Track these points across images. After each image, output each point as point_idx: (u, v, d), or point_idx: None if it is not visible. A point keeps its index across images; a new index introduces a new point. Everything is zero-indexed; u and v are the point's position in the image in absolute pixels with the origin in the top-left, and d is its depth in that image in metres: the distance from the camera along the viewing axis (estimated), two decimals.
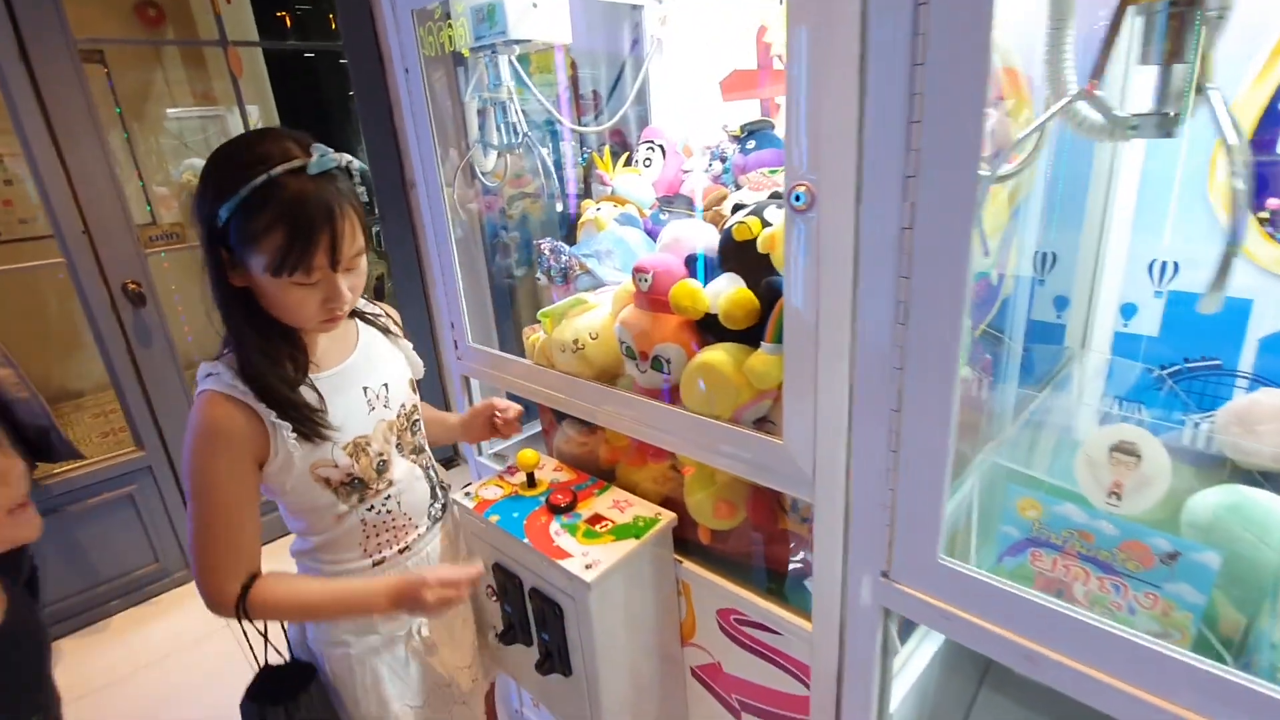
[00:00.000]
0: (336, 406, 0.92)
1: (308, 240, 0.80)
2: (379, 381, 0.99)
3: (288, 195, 0.79)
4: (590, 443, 1.25)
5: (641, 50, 1.71)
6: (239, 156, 0.80)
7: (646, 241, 1.37)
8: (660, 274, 0.96)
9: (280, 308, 0.85)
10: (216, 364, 0.86)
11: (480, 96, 1.20)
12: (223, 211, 0.79)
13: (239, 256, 0.81)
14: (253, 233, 0.79)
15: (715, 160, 1.59)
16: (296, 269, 0.81)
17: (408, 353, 1.09)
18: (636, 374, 1.03)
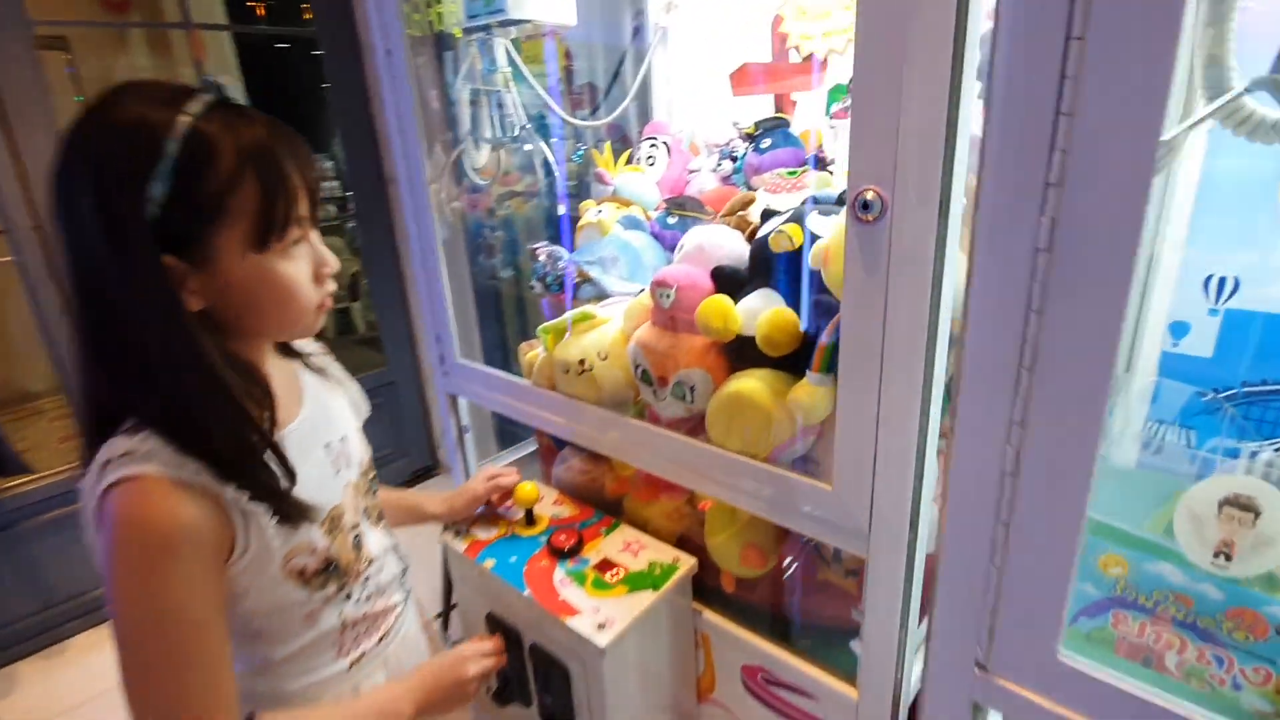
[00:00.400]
0: (305, 472, 0.72)
1: (285, 180, 0.60)
2: (337, 435, 0.80)
3: (231, 132, 0.57)
4: (595, 472, 1.12)
5: (644, 40, 1.59)
6: (124, 115, 0.56)
7: (655, 247, 1.24)
8: (685, 289, 0.83)
9: (269, 304, 0.63)
10: (128, 440, 0.57)
11: (472, 85, 1.07)
12: (155, 188, 0.54)
13: (199, 247, 0.58)
14: (213, 197, 0.56)
15: (725, 159, 1.47)
16: (288, 224, 0.61)
17: (353, 394, 0.89)
18: (653, 401, 0.90)
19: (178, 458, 0.58)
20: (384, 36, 1.07)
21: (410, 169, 1.13)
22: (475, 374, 1.20)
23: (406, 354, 3.10)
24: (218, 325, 0.63)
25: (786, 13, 1.34)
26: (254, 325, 0.65)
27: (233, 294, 0.61)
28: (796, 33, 1.35)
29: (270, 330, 0.69)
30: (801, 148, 1.35)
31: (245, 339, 0.68)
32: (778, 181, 1.25)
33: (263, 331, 0.68)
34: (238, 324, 0.64)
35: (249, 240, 0.59)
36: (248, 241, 0.59)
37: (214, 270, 0.58)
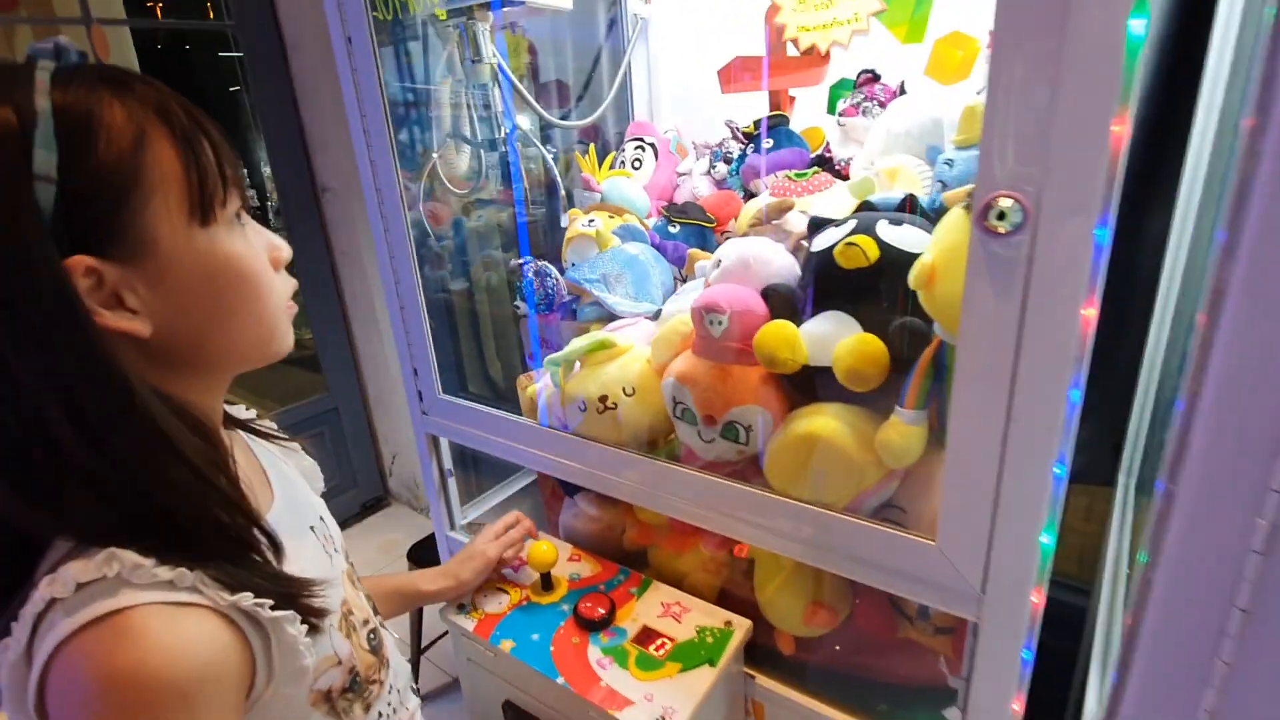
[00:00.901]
0: (307, 563, 0.56)
1: (203, 131, 0.47)
2: (316, 515, 0.65)
3: (109, 89, 0.44)
4: (613, 520, 0.98)
5: (621, 33, 1.46)
6: None
7: (659, 260, 1.12)
8: (740, 315, 0.71)
9: (234, 300, 0.49)
10: (83, 565, 0.41)
11: (453, 79, 0.91)
12: (39, 155, 0.40)
13: (124, 232, 0.43)
14: (118, 164, 0.43)
15: (718, 161, 1.36)
16: (226, 183, 0.48)
17: (304, 465, 0.71)
18: (696, 443, 0.78)
19: (167, 571, 0.42)
20: (343, 22, 0.89)
21: (379, 177, 0.96)
22: (465, 413, 1.04)
23: (350, 377, 2.85)
24: (166, 360, 0.47)
25: (783, 2, 1.24)
26: (219, 342, 0.49)
27: (186, 294, 0.46)
28: (794, 24, 1.26)
29: (240, 346, 0.51)
30: (805, 147, 1.26)
31: (203, 376, 0.52)
32: (785, 184, 1.15)
33: (230, 350, 0.51)
34: (197, 347, 0.48)
35: (186, 210, 0.45)
36: (185, 212, 0.45)
37: (155, 261, 0.44)
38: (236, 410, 0.68)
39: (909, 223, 0.70)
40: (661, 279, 1.09)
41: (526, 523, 0.89)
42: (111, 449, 0.43)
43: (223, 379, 0.55)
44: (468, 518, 1.23)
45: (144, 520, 0.43)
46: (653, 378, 0.83)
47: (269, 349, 0.53)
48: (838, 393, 0.69)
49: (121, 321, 0.43)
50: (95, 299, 0.42)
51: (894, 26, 1.12)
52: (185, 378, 0.50)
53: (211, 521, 0.46)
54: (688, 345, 0.79)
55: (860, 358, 0.64)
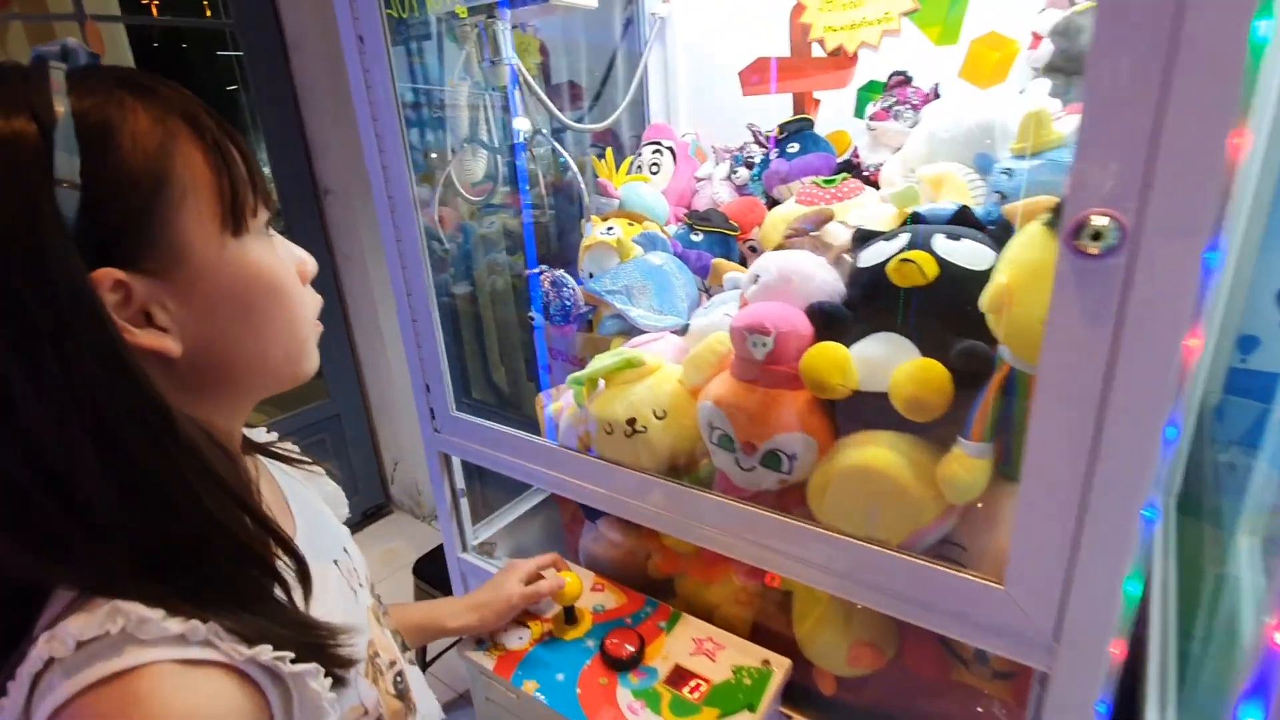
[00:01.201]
0: (331, 603, 0.52)
1: (230, 136, 0.44)
2: (340, 546, 0.61)
3: (129, 93, 0.40)
4: (637, 547, 0.93)
5: (637, 33, 1.41)
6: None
7: (683, 271, 1.07)
8: (786, 336, 0.66)
9: (266, 315, 0.46)
10: (85, 620, 0.37)
11: (471, 81, 0.86)
12: (60, 159, 0.36)
13: (154, 240, 0.40)
14: (149, 170, 0.39)
15: (740, 166, 1.32)
16: (258, 190, 0.45)
17: (327, 490, 0.68)
18: (734, 471, 0.73)
19: (178, 623, 0.38)
20: (354, 21, 0.84)
21: (392, 183, 0.91)
22: (477, 431, 0.99)
23: (351, 383, 2.80)
24: (192, 382, 0.44)
25: (809, 2, 1.20)
26: (249, 361, 0.46)
27: (218, 308, 0.43)
28: (820, 24, 1.21)
29: (270, 365, 0.48)
30: (832, 152, 1.21)
31: (228, 399, 0.48)
32: (813, 191, 1.10)
33: (260, 370, 0.48)
34: (226, 367, 0.45)
35: (218, 219, 0.43)
36: (217, 221, 0.43)
37: (186, 273, 0.41)
38: (255, 433, 0.63)
39: (967, 237, 0.65)
40: (686, 290, 1.04)
41: (557, 580, 0.83)
42: (143, 482, 0.39)
43: (248, 402, 0.51)
44: (479, 537, 1.18)
45: (162, 563, 0.39)
46: (685, 400, 0.78)
47: (298, 368, 0.50)
48: (889, 420, 0.64)
49: (152, 339, 0.40)
50: (123, 315, 0.39)
51: (927, 27, 1.07)
52: (210, 401, 0.46)
53: (244, 558, 0.43)
54: (725, 366, 0.74)
55: (923, 385, 0.59)
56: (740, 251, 1.19)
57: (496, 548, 1.20)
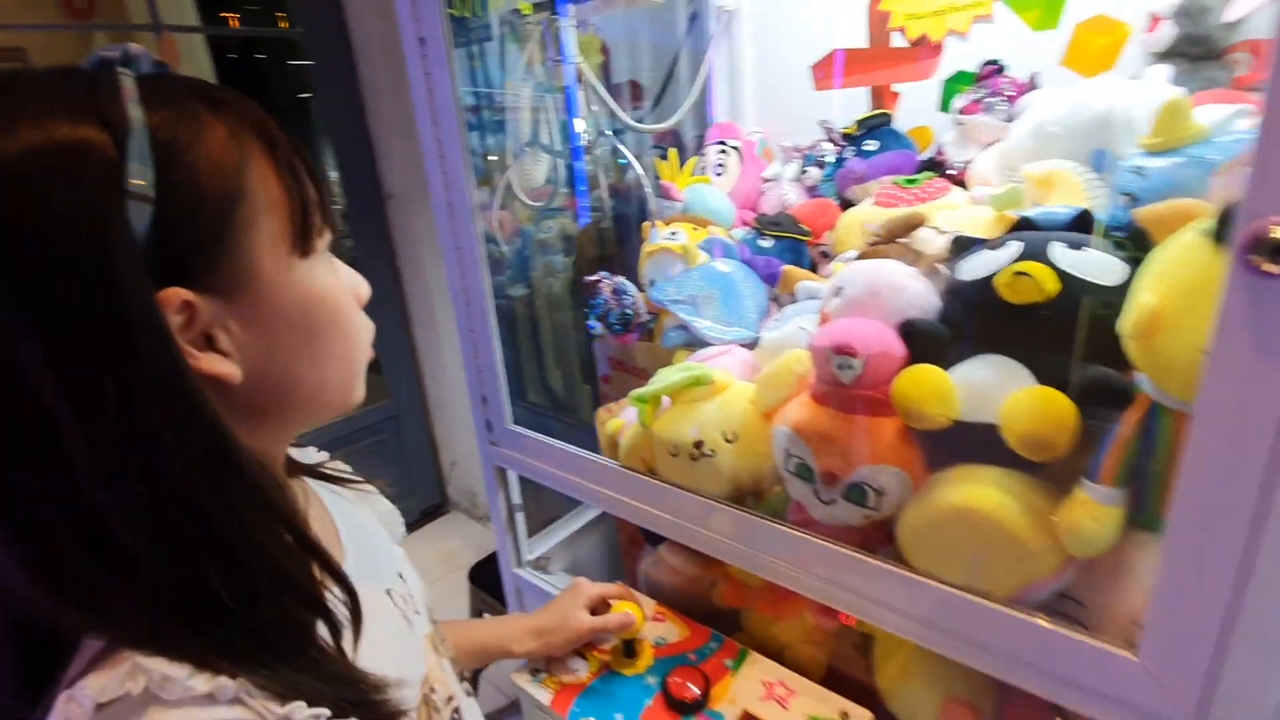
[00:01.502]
0: (383, 641, 0.49)
1: (299, 151, 0.42)
2: (394, 572, 0.58)
3: (202, 103, 0.38)
4: (701, 575, 0.87)
5: (703, 28, 1.35)
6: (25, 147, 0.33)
7: (752, 279, 1.00)
8: (876, 359, 0.59)
9: (326, 340, 0.44)
10: (105, 678, 0.34)
11: (533, 82, 0.82)
12: (134, 170, 0.34)
13: (224, 261, 0.38)
14: (225, 185, 0.37)
15: (810, 166, 1.24)
16: (326, 209, 0.43)
17: (381, 510, 0.65)
18: (814, 504, 0.66)
19: (204, 681, 0.35)
20: (416, 22, 0.82)
21: (451, 190, 0.88)
22: (534, 446, 0.95)
23: (411, 384, 2.84)
24: (246, 408, 0.41)
25: None
26: (306, 387, 0.44)
27: (280, 333, 0.41)
28: (901, 11, 1.12)
29: (325, 392, 0.45)
30: (913, 149, 1.12)
31: (278, 427, 0.46)
32: (894, 192, 1.02)
33: (315, 397, 0.45)
34: (282, 393, 0.43)
35: (288, 240, 0.41)
36: (287, 242, 0.41)
37: (252, 295, 0.39)
38: (305, 453, 0.61)
39: (1091, 246, 0.57)
40: (755, 300, 0.98)
41: (626, 618, 0.78)
42: (198, 524, 0.36)
43: (295, 430, 0.49)
44: (535, 552, 1.14)
45: (200, 609, 0.36)
46: (758, 423, 0.72)
47: (349, 397, 0.47)
48: (994, 454, 0.56)
49: (214, 364, 0.37)
50: (185, 338, 0.36)
51: (1023, 10, 0.98)
52: (261, 428, 0.43)
53: (296, 599, 0.40)
54: (803, 387, 0.67)
55: (1043, 419, 0.51)
56: (812, 257, 1.12)
57: (552, 563, 1.17)
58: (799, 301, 0.89)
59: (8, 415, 0.33)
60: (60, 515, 0.34)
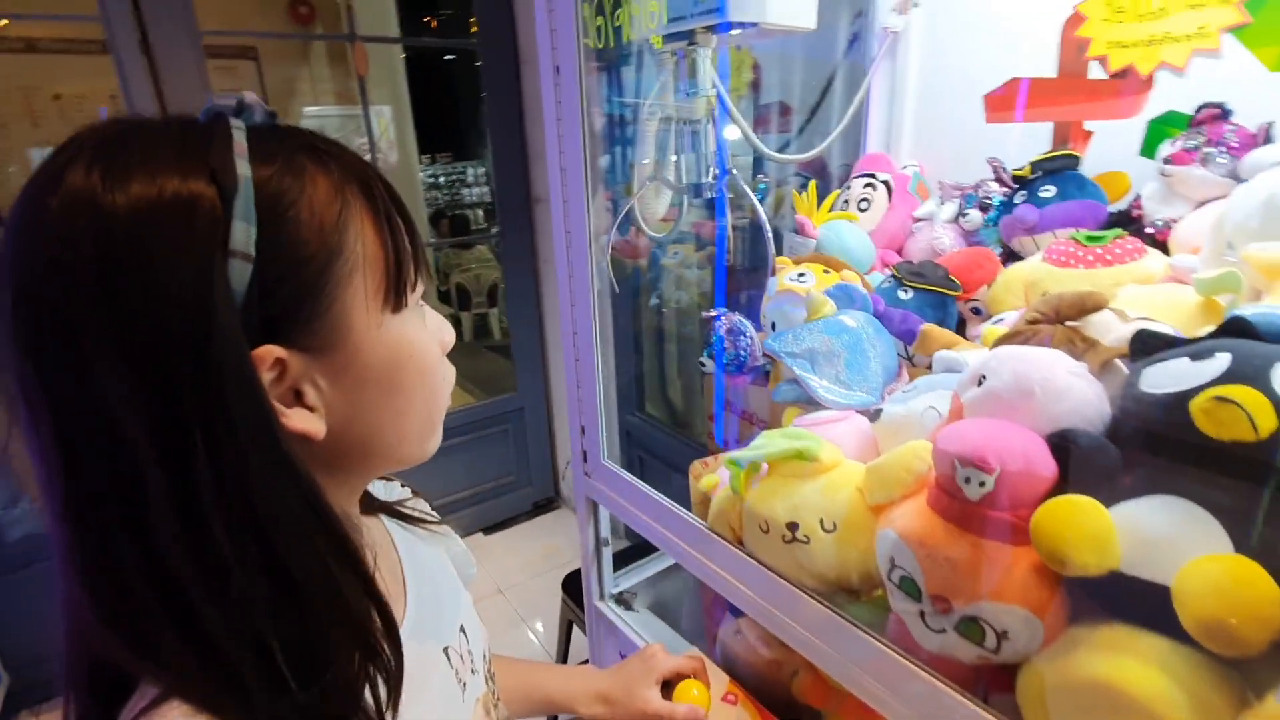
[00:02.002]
0: (425, 707, 0.47)
1: (399, 205, 0.42)
2: (455, 628, 0.56)
3: (308, 157, 0.38)
4: (781, 658, 0.80)
5: (863, 49, 1.25)
6: (130, 204, 0.33)
7: (882, 336, 0.90)
8: (1014, 476, 0.49)
9: (410, 393, 0.43)
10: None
11: (662, 114, 0.79)
12: (237, 229, 0.34)
13: (318, 319, 0.38)
14: (325, 243, 0.37)
15: (972, 208, 1.10)
16: (420, 264, 0.43)
17: (456, 551, 0.64)
18: (918, 628, 0.57)
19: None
20: (553, 50, 0.81)
21: (572, 221, 0.86)
22: (628, 489, 0.92)
23: (538, 380, 2.94)
24: (328, 462, 0.41)
25: (1090, 11, 0.95)
26: (387, 440, 0.44)
27: (368, 388, 0.41)
28: (1104, 38, 0.96)
29: (406, 444, 0.45)
30: (1101, 199, 0.95)
31: (356, 478, 0.46)
32: (1070, 249, 0.87)
33: (395, 449, 0.45)
34: (365, 447, 0.43)
35: (381, 295, 0.40)
36: (381, 297, 0.40)
37: (344, 352, 0.39)
38: (388, 488, 0.61)
39: None
40: (882, 360, 0.88)
41: (691, 711, 0.73)
42: (284, 584, 0.36)
43: (367, 481, 0.50)
44: (619, 586, 1.11)
45: (258, 672, 0.35)
46: (864, 515, 0.63)
47: (425, 447, 0.47)
48: (1158, 620, 0.44)
49: (302, 422, 0.38)
50: (274, 393, 0.37)
51: (1259, 47, 0.79)
52: (341, 481, 0.44)
53: (363, 658, 0.39)
54: (921, 488, 0.58)
55: (1233, 603, 0.39)
56: (961, 313, 0.99)
57: (637, 599, 1.13)
58: (936, 374, 0.78)
59: (97, 460, 0.34)
60: (135, 562, 0.35)
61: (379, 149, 4.43)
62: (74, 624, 0.37)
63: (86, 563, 0.35)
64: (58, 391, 0.33)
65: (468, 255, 5.02)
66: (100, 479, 0.34)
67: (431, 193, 5.87)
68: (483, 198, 5.77)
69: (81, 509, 0.35)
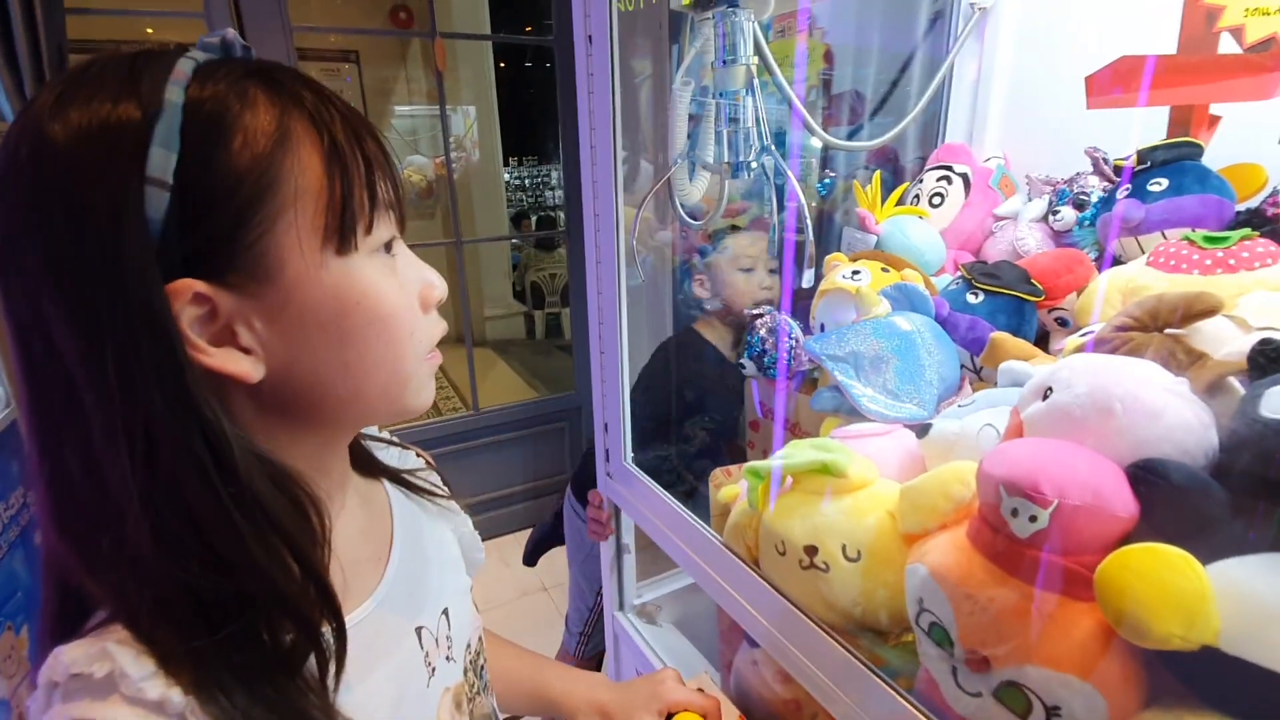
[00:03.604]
0: (373, 688, 0.44)
1: (359, 141, 0.39)
2: (436, 609, 0.52)
3: (257, 84, 0.37)
4: (799, 700, 0.70)
5: (946, 29, 1.13)
6: (70, 128, 0.33)
7: (943, 343, 0.79)
8: (1076, 512, 0.39)
9: (363, 343, 0.40)
10: (84, 648, 0.35)
11: (696, 86, 0.72)
12: (155, 154, 0.33)
13: (246, 255, 0.36)
14: (254, 172, 0.35)
15: (1063, 204, 0.96)
16: (375, 204, 0.39)
17: (464, 532, 0.61)
18: (948, 685, 0.47)
19: (157, 686, 0.34)
20: (585, 20, 0.76)
21: (600, 199, 0.81)
22: (646, 494, 0.84)
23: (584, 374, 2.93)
24: (277, 409, 0.40)
25: None
26: (339, 392, 0.41)
27: (309, 332, 0.38)
28: (1241, 5, 0.82)
29: (365, 398, 0.42)
30: (1228, 194, 0.80)
31: (317, 430, 0.43)
32: (1182, 250, 0.74)
33: (352, 402, 0.42)
34: (313, 396, 0.40)
35: (321, 233, 0.37)
36: (320, 235, 0.37)
37: (278, 291, 0.37)
38: (393, 455, 0.59)
39: None
40: (941, 370, 0.77)
41: (707, 700, 0.67)
42: (185, 520, 0.35)
43: (341, 434, 0.47)
44: (641, 598, 1.04)
45: (189, 608, 0.35)
46: (896, 545, 0.54)
47: (399, 403, 0.43)
48: (1258, 709, 0.33)
49: (229, 363, 0.36)
50: (205, 332, 0.36)
51: None
52: (294, 432, 0.41)
53: (286, 621, 0.37)
54: (960, 518, 0.48)
55: None
56: (1042, 325, 0.86)
57: (661, 613, 1.06)
58: (1000, 387, 0.67)
59: (45, 375, 0.35)
60: (83, 477, 0.35)
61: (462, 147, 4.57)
62: (48, 549, 0.38)
63: (49, 474, 0.36)
64: (12, 308, 0.35)
65: (548, 256, 5.09)
66: (49, 392, 0.36)
67: (516, 193, 6.02)
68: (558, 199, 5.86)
69: (39, 418, 0.36)
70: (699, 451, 1.05)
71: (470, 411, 2.71)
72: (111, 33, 3.36)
